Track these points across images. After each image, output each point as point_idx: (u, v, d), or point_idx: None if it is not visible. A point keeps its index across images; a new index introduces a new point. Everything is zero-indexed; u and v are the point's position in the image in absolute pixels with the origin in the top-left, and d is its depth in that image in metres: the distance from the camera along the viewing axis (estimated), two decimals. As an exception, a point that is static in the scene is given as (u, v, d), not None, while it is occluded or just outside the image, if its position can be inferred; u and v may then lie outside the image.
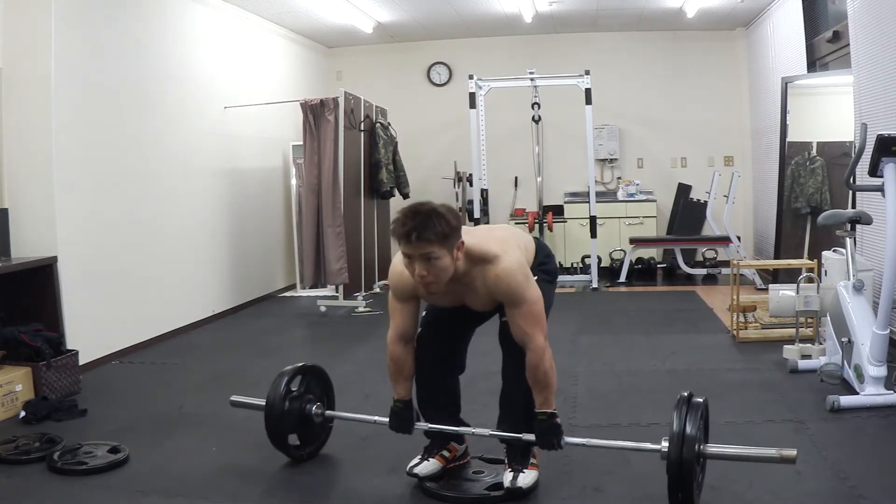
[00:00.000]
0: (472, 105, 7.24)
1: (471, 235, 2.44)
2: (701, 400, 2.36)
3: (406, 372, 2.64)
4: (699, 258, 7.76)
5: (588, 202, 7.31)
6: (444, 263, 2.30)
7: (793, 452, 2.26)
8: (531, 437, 2.50)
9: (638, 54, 8.22)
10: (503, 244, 2.46)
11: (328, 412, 2.92)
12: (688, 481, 2.24)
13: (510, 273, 2.38)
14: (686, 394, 2.39)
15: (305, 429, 2.87)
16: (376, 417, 2.77)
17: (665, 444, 2.29)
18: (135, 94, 5.00)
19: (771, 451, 2.31)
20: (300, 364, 2.94)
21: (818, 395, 3.46)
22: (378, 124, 6.77)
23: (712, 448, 2.38)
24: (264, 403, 2.81)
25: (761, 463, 2.44)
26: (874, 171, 3.35)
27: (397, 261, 2.46)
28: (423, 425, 2.69)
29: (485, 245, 2.43)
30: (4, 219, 4.10)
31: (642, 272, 7.66)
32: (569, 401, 3.62)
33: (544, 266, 2.70)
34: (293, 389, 2.84)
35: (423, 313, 2.73)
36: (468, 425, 2.78)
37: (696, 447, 2.27)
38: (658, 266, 7.77)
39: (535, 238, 2.81)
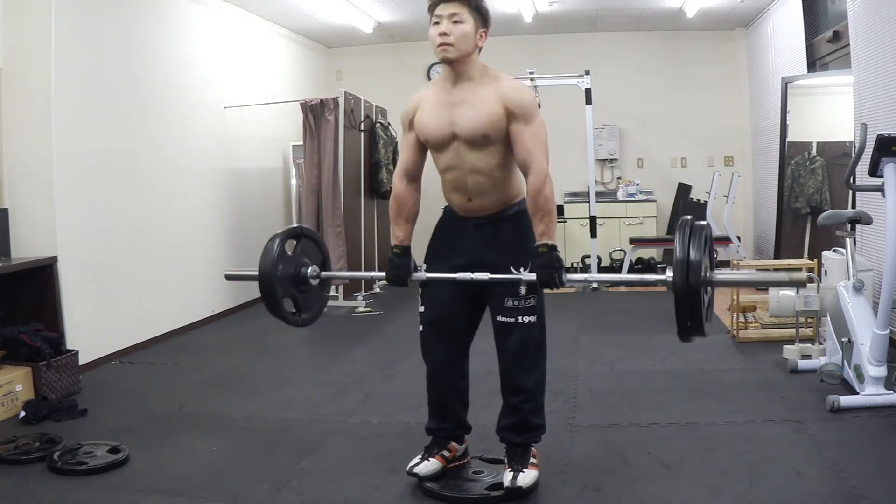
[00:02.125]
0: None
1: None
2: (703, 223, 2.17)
3: (406, 212, 2.61)
4: (699, 258, 7.75)
5: (588, 202, 7.32)
6: (466, 29, 2.41)
7: (803, 276, 2.15)
8: (532, 276, 2.40)
9: (638, 54, 8.22)
10: None
11: (324, 273, 2.74)
12: (696, 308, 2.10)
13: (525, 89, 2.48)
14: (688, 217, 2.20)
15: (301, 292, 2.69)
16: (373, 273, 2.64)
17: (670, 273, 2.13)
18: (135, 94, 5.00)
19: (781, 275, 2.19)
20: (293, 226, 2.76)
21: (818, 395, 3.46)
22: (378, 124, 6.77)
23: (719, 274, 2.22)
24: (257, 268, 2.61)
25: (771, 286, 2.23)
26: (874, 171, 3.35)
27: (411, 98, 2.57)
28: (420, 275, 2.58)
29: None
30: (4, 219, 4.10)
31: (642, 272, 7.66)
32: (569, 401, 3.62)
33: None
34: (287, 254, 2.66)
35: (422, 309, 2.68)
36: (471, 427, 2.79)
37: (703, 273, 2.09)
38: (658, 266, 7.78)
39: None
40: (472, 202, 2.54)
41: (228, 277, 2.93)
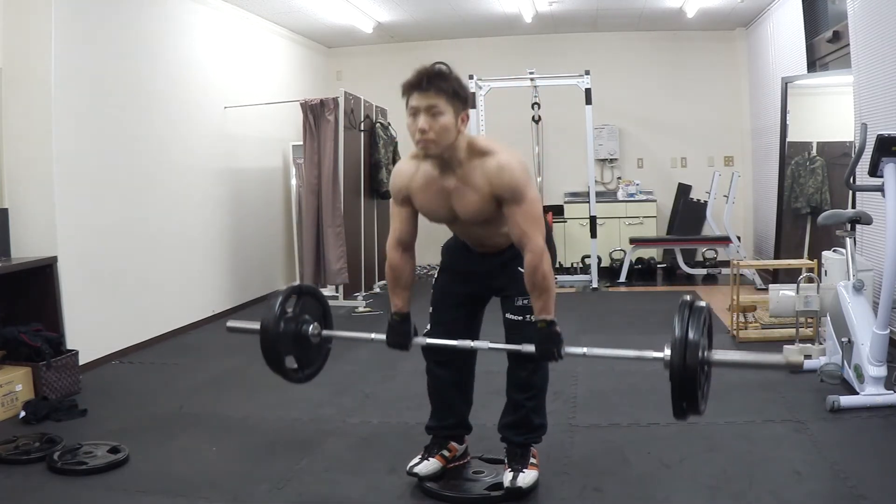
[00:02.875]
0: (473, 105, 7.24)
1: (475, 135, 2.47)
2: (703, 304, 2.20)
3: (403, 280, 2.59)
4: (699, 258, 7.76)
5: (588, 202, 7.32)
6: (446, 121, 2.28)
7: (800, 358, 2.17)
8: (531, 348, 2.40)
9: (638, 54, 8.22)
10: (507, 147, 2.43)
11: (325, 332, 2.76)
12: (692, 389, 2.12)
13: (512, 166, 2.34)
14: (688, 298, 2.23)
15: (302, 350, 2.72)
16: (373, 335, 2.66)
17: (668, 351, 2.17)
18: (135, 93, 5.00)
19: (777, 357, 2.19)
20: (295, 284, 2.80)
21: (818, 395, 3.46)
22: (378, 124, 6.77)
23: (717, 354, 2.22)
24: (259, 326, 2.65)
25: (766, 370, 2.28)
26: (874, 171, 3.35)
27: (399, 162, 2.51)
28: (420, 340, 2.60)
29: (488, 142, 2.43)
30: (4, 219, 4.10)
31: (642, 272, 7.66)
32: (569, 401, 3.62)
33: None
34: (289, 311, 2.68)
35: (430, 310, 2.71)
36: (471, 427, 2.79)
37: (700, 353, 2.12)
38: (658, 266, 7.78)
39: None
40: (485, 247, 2.62)
41: (230, 329, 2.95)
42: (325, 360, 2.86)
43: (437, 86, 2.27)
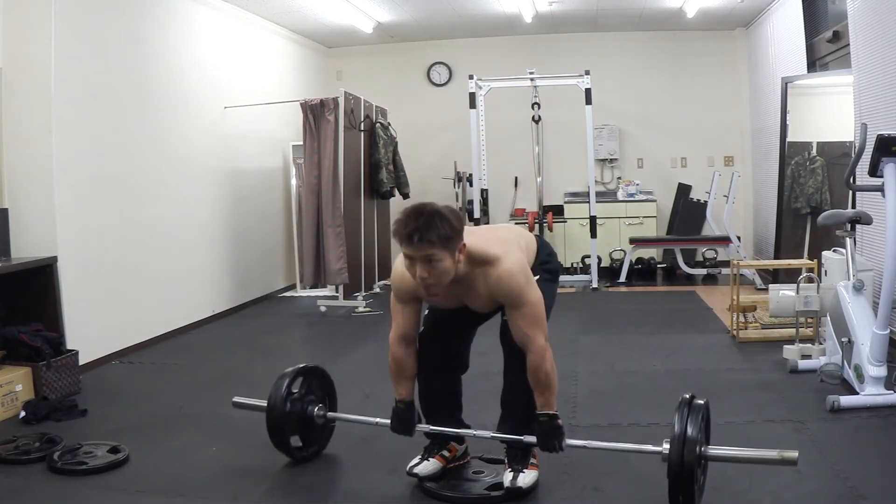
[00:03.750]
0: (472, 105, 7.24)
1: (472, 236, 2.42)
2: (702, 402, 2.35)
3: (408, 373, 2.64)
4: (699, 258, 7.76)
5: (588, 202, 7.31)
6: (445, 266, 2.28)
7: (794, 454, 2.25)
8: (532, 439, 2.50)
9: (638, 54, 8.21)
10: (504, 245, 2.45)
11: (330, 414, 2.90)
12: (689, 483, 2.23)
13: (511, 275, 2.37)
14: (688, 396, 2.38)
15: (307, 430, 2.86)
16: (378, 419, 2.77)
17: (666, 446, 2.28)
18: (135, 94, 5.00)
19: (772, 453, 2.31)
20: (301, 365, 2.92)
21: (818, 395, 3.45)
22: (378, 124, 6.77)
23: (713, 450, 2.36)
24: (266, 405, 2.80)
25: (763, 464, 2.43)
26: (874, 171, 3.35)
27: (399, 262, 2.45)
28: (424, 427, 2.68)
29: (486, 247, 2.42)
30: (4, 219, 4.10)
31: (642, 272, 7.66)
32: (569, 401, 3.62)
33: (546, 265, 2.70)
34: (294, 391, 2.83)
35: (426, 312, 2.73)
36: (469, 426, 2.79)
37: (698, 449, 2.26)
38: (658, 266, 7.77)
39: (536, 237, 2.81)
40: None
41: (236, 405, 3.06)
42: (330, 438, 2.99)
43: (428, 238, 2.23)
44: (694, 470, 2.23)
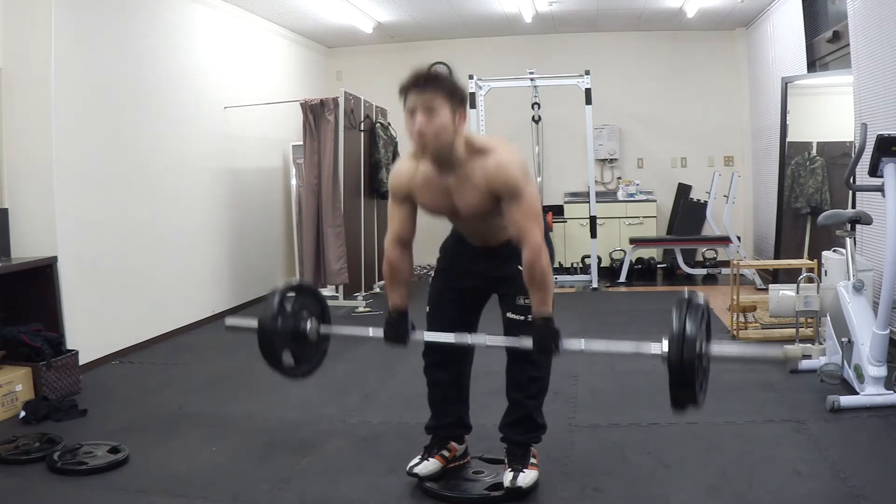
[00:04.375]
0: (472, 105, 7.24)
1: (473, 133, 2.47)
2: (701, 300, 2.21)
3: (401, 277, 2.60)
4: (699, 258, 7.76)
5: (588, 202, 7.31)
6: (444, 120, 2.30)
7: (798, 352, 2.18)
8: (530, 342, 2.39)
9: (638, 54, 8.22)
10: (505, 144, 2.44)
11: (323, 328, 2.75)
12: (690, 382, 2.13)
13: (510, 163, 2.36)
14: (686, 293, 2.25)
15: (300, 347, 2.71)
16: (371, 330, 2.66)
17: (665, 343, 2.18)
18: (135, 94, 5.00)
19: (776, 351, 2.20)
20: (292, 281, 2.80)
21: (818, 395, 3.45)
22: (378, 124, 6.77)
23: (715, 348, 2.25)
24: (257, 323, 2.64)
25: (764, 363, 2.30)
26: (874, 171, 3.35)
27: (398, 162, 2.50)
28: (418, 335, 2.59)
29: (486, 140, 2.44)
30: (4, 219, 4.10)
31: (642, 272, 7.66)
32: (569, 401, 3.62)
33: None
34: (287, 307, 2.67)
35: (427, 309, 2.71)
36: (471, 427, 2.79)
37: (698, 347, 2.13)
38: (658, 266, 7.77)
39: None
40: (484, 241, 2.62)
41: (229, 328, 2.93)
42: (323, 358, 2.84)
43: (434, 85, 2.29)
44: (695, 368, 2.12)
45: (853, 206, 4.83)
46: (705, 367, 2.23)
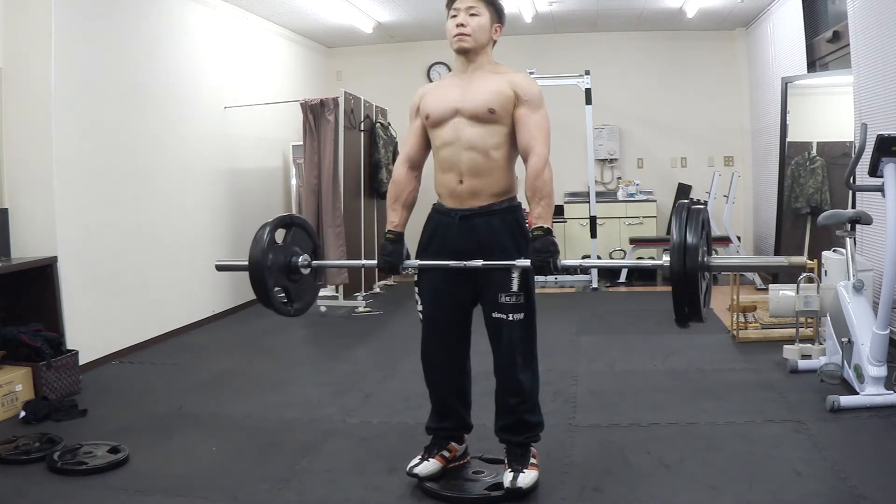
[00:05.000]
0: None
1: None
2: (701, 206, 2.18)
3: (404, 198, 2.65)
4: (699, 258, 7.75)
5: (588, 202, 7.31)
6: (482, 21, 2.50)
7: (802, 259, 2.16)
8: (526, 262, 2.40)
9: (638, 54, 8.21)
10: None
11: (315, 262, 2.73)
12: (693, 292, 2.08)
13: (536, 84, 2.53)
14: (684, 201, 2.22)
15: (292, 282, 2.68)
16: (364, 261, 2.66)
17: (666, 258, 2.13)
18: (135, 94, 5.00)
19: (781, 260, 2.21)
20: (283, 215, 2.74)
21: (818, 395, 3.46)
22: (378, 124, 6.77)
23: (717, 259, 2.22)
24: (247, 259, 2.60)
25: (769, 271, 2.26)
26: (874, 171, 3.35)
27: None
28: (413, 262, 2.58)
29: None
30: (4, 219, 4.10)
31: (642, 272, 7.65)
32: (569, 401, 3.62)
33: None
34: (277, 241, 2.64)
35: (421, 307, 2.68)
36: (472, 425, 2.79)
37: (700, 257, 2.08)
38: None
39: None
40: (463, 185, 2.52)
41: (219, 268, 2.90)
42: (316, 296, 2.84)
43: None
44: (697, 278, 2.08)
45: (853, 206, 4.82)
46: (708, 279, 2.21)
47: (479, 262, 2.48)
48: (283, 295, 2.67)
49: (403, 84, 8.36)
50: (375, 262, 2.61)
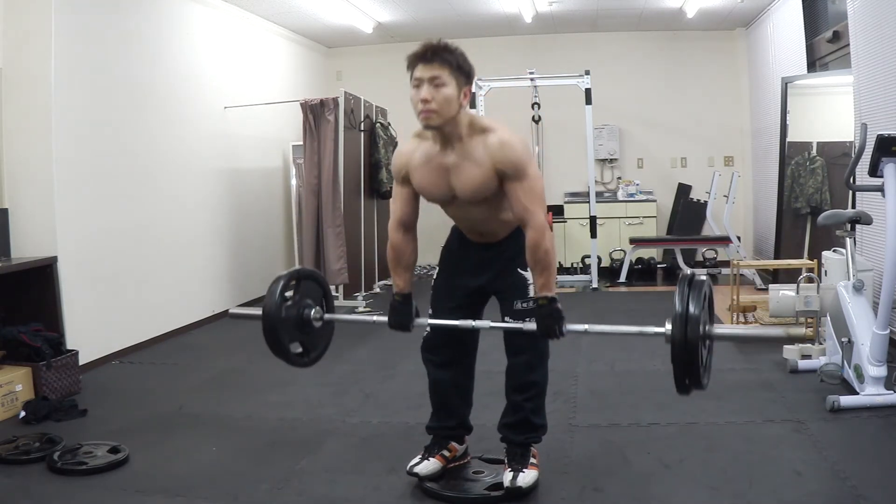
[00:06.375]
0: (472, 105, 7.20)
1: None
2: (703, 279, 2.20)
3: (405, 262, 2.60)
4: (699, 258, 7.76)
5: (588, 202, 7.31)
6: (449, 93, 2.30)
7: (800, 330, 2.17)
8: (533, 325, 2.39)
9: (638, 54, 8.22)
10: (507, 128, 2.44)
11: (327, 315, 2.75)
12: (694, 363, 2.11)
13: (514, 142, 2.35)
14: (688, 272, 2.25)
15: (306, 335, 2.71)
16: (374, 317, 2.66)
17: (669, 326, 2.15)
18: (135, 94, 5.00)
19: (778, 331, 2.19)
20: (294, 269, 2.78)
21: (818, 395, 3.45)
22: (378, 124, 6.77)
23: (718, 329, 2.23)
24: (261, 313, 2.62)
25: (769, 342, 2.29)
26: (874, 171, 3.35)
27: (400, 145, 2.50)
28: (423, 321, 2.60)
29: (490, 120, 2.44)
30: (4, 219, 4.10)
31: (642, 272, 7.66)
32: (569, 401, 3.62)
33: None
34: (289, 296, 2.65)
35: (429, 311, 2.70)
36: (472, 427, 2.79)
37: (701, 328, 2.11)
38: (658, 266, 7.77)
39: None
40: (482, 236, 2.59)
41: (232, 316, 2.93)
42: (329, 343, 2.83)
43: (442, 57, 2.31)
44: (698, 349, 2.10)
45: (853, 206, 4.82)
46: (709, 347, 2.21)
47: (487, 323, 2.50)
48: (300, 348, 2.72)
49: (403, 84, 8.25)
50: (386, 318, 2.61)
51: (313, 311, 2.68)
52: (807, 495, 2.49)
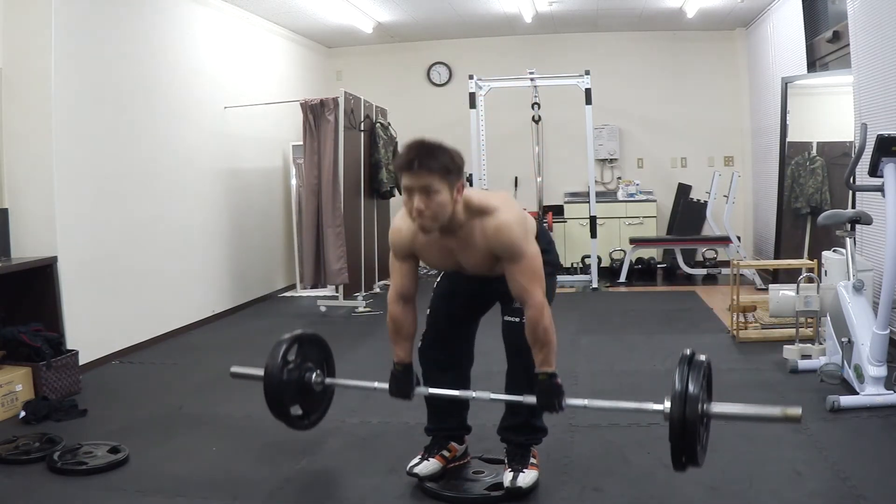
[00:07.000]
0: (472, 105, 7.24)
1: (472, 191, 2.42)
2: (703, 358, 2.26)
3: (405, 332, 2.59)
4: (699, 258, 7.76)
5: (588, 202, 7.31)
6: (442, 198, 2.26)
7: (797, 411, 2.19)
8: (532, 399, 2.43)
9: (638, 54, 8.22)
10: (505, 201, 2.43)
11: (328, 380, 2.81)
12: (692, 442, 2.16)
13: (510, 225, 2.34)
14: (688, 352, 2.28)
15: (306, 398, 2.78)
16: (376, 384, 2.69)
17: (668, 403, 2.20)
18: (135, 94, 5.00)
19: (775, 411, 2.23)
20: (297, 332, 2.83)
21: (818, 395, 3.45)
22: (378, 124, 6.77)
23: (716, 407, 2.27)
24: (263, 374, 2.71)
25: (766, 422, 2.34)
26: (874, 171, 3.35)
27: (397, 218, 2.49)
28: (423, 390, 2.64)
29: (485, 198, 2.41)
30: (4, 219, 4.10)
31: (642, 272, 7.66)
32: (569, 401, 3.61)
33: (546, 254, 2.67)
34: (290, 359, 2.74)
35: (427, 311, 2.72)
36: (470, 427, 2.79)
37: (700, 407, 2.16)
38: (658, 266, 7.77)
39: (537, 219, 2.80)
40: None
41: (234, 375, 2.99)
42: (329, 405, 2.94)
43: (428, 166, 2.23)
44: (697, 428, 2.15)
45: (853, 206, 4.82)
46: (706, 425, 2.27)
47: (486, 395, 2.54)
48: (300, 411, 2.81)
49: (403, 84, 8.39)
50: (387, 385, 2.65)
51: (314, 374, 2.78)
52: (807, 495, 2.49)
